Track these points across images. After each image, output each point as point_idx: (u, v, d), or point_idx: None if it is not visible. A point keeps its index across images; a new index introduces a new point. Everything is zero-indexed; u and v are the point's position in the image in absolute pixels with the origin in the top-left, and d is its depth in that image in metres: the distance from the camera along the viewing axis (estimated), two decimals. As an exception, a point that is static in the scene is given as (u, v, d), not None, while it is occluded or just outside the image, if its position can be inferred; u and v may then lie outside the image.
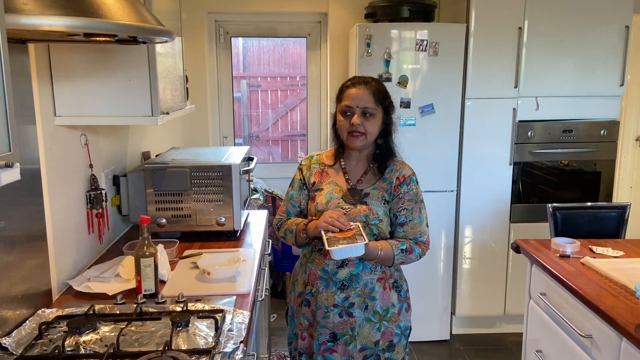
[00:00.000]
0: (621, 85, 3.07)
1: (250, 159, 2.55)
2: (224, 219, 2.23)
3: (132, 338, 1.39)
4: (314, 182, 1.81)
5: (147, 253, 1.63)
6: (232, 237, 2.29)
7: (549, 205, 2.54)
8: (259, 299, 1.92)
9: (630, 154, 3.97)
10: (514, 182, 3.14)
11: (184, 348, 1.33)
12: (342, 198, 1.74)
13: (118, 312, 1.53)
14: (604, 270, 1.92)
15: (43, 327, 1.41)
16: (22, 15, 1.01)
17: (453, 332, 3.34)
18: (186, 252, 2.08)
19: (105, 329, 1.43)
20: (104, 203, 2.04)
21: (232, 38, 3.77)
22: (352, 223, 1.66)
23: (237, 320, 1.50)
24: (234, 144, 3.89)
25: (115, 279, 1.77)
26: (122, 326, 1.43)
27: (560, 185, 3.17)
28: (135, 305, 1.56)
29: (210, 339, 1.38)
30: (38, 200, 1.60)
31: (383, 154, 1.77)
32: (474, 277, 3.23)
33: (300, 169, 1.88)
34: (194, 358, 1.27)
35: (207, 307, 1.56)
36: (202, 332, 1.41)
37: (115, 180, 2.23)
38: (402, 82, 2.98)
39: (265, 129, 4.21)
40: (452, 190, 3.14)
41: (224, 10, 3.58)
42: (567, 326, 1.88)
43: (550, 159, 3.14)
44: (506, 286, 3.25)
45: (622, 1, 2.97)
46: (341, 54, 3.51)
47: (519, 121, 3.07)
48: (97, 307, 1.54)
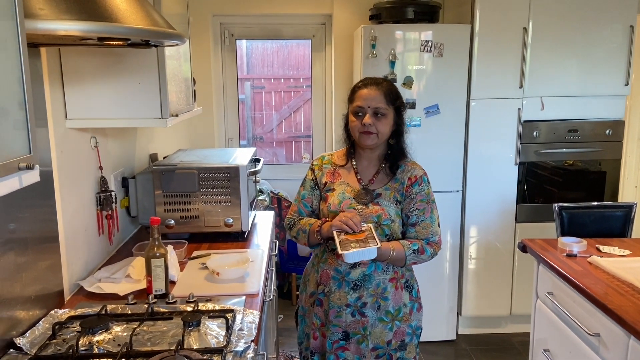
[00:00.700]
0: (626, 84, 3.08)
1: (257, 160, 2.57)
2: (231, 220, 2.24)
3: (144, 338, 1.40)
4: (325, 183, 1.82)
5: (158, 254, 1.65)
6: (239, 238, 2.31)
7: (556, 204, 2.54)
8: (268, 299, 1.93)
9: (636, 153, 3.97)
10: (519, 182, 3.15)
11: (196, 347, 1.34)
12: (354, 198, 1.75)
13: (130, 312, 1.54)
14: (611, 269, 1.93)
15: (56, 327, 1.43)
16: (38, 20, 1.03)
17: (459, 332, 3.35)
18: (195, 253, 2.10)
19: (117, 329, 1.45)
20: (113, 205, 2.06)
21: (237, 40, 3.79)
22: (364, 224, 1.67)
23: (248, 319, 1.52)
24: (239, 146, 3.91)
25: (126, 279, 1.79)
26: (135, 326, 1.45)
27: (566, 185, 3.17)
28: (146, 306, 1.57)
29: (221, 339, 1.39)
30: (50, 202, 1.62)
31: (395, 154, 1.78)
32: (480, 277, 3.24)
33: (312, 169, 1.89)
34: (206, 357, 1.29)
35: (217, 307, 1.58)
36: (213, 331, 1.43)
37: (124, 182, 2.25)
38: (407, 83, 3.00)
39: (270, 131, 4.23)
40: (457, 191, 3.15)
41: (229, 13, 3.60)
42: (574, 325, 1.89)
43: (555, 159, 3.14)
44: (512, 286, 3.25)
45: (626, 1, 2.98)
46: (346, 56, 3.53)
47: (524, 121, 3.08)
48: (109, 307, 1.56)
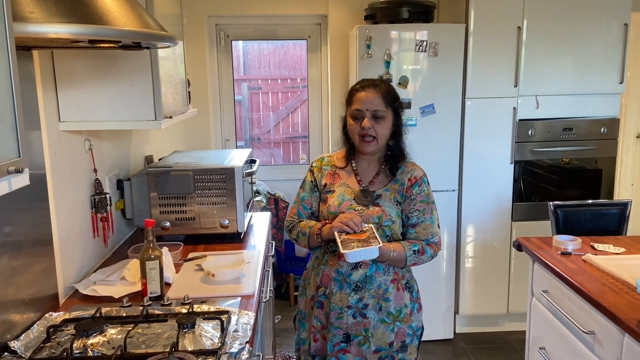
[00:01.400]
0: (621, 82, 3.08)
1: (252, 161, 2.57)
2: (227, 222, 2.24)
3: (139, 340, 1.40)
4: (325, 184, 1.82)
5: (153, 256, 1.65)
6: (235, 239, 2.31)
7: (551, 203, 2.55)
8: (264, 300, 1.94)
9: (631, 151, 3.98)
10: (515, 180, 3.15)
11: (191, 349, 1.35)
12: (354, 200, 1.75)
13: (124, 315, 1.54)
14: (606, 267, 1.93)
15: (51, 330, 1.43)
16: (28, 24, 1.03)
17: (457, 331, 3.35)
18: (190, 255, 2.10)
19: (112, 331, 1.45)
20: (108, 207, 2.06)
21: (232, 41, 3.79)
22: (365, 225, 1.67)
23: (243, 321, 1.52)
24: (235, 147, 3.91)
25: (121, 282, 1.79)
26: (129, 328, 1.45)
27: (562, 183, 3.18)
28: (141, 308, 1.57)
29: (216, 340, 1.39)
30: (44, 205, 1.62)
31: (394, 155, 1.78)
32: (477, 276, 3.24)
33: (311, 171, 1.88)
34: (200, 359, 1.29)
35: (212, 309, 1.58)
36: (208, 333, 1.43)
37: (119, 184, 2.25)
38: (403, 82, 3.00)
39: (267, 132, 4.23)
40: (453, 190, 3.15)
41: (225, 14, 3.60)
42: (569, 323, 1.89)
43: (551, 157, 3.15)
44: (509, 285, 3.25)
45: (620, -1, 2.99)
46: (341, 56, 3.53)
47: (520, 120, 3.08)
48: (103, 309, 1.56)
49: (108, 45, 1.39)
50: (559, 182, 3.17)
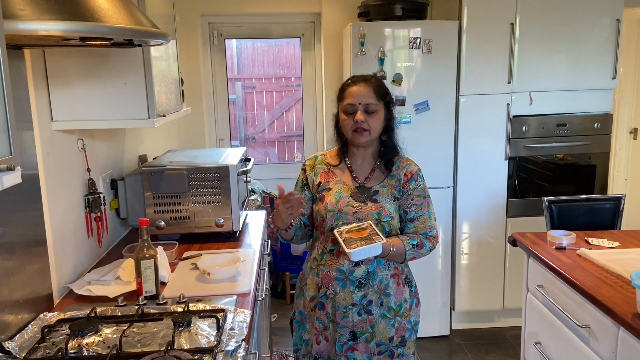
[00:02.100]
0: (613, 78, 3.10)
1: (247, 159, 2.56)
2: (222, 220, 2.24)
3: (134, 339, 1.40)
4: (320, 182, 1.81)
5: (147, 255, 1.64)
6: (231, 238, 2.30)
7: (545, 198, 2.56)
8: (260, 298, 1.93)
9: (625, 146, 4.01)
10: (509, 177, 3.16)
11: (187, 347, 1.34)
12: (351, 197, 1.74)
13: (120, 314, 1.54)
14: (600, 261, 1.94)
15: (45, 330, 1.42)
16: (19, 21, 1.03)
17: (453, 328, 3.36)
18: (186, 254, 2.09)
19: (107, 331, 1.44)
20: (102, 207, 2.05)
21: (226, 40, 3.78)
22: (363, 222, 1.67)
23: (239, 319, 1.51)
24: (230, 146, 3.90)
25: (116, 281, 1.78)
26: (124, 327, 1.44)
27: (556, 179, 3.19)
28: (136, 307, 1.57)
29: (212, 338, 1.39)
30: (37, 206, 1.61)
31: (388, 150, 1.79)
32: (473, 273, 3.25)
33: (303, 170, 1.88)
34: (196, 357, 1.28)
35: (208, 307, 1.58)
36: (204, 331, 1.42)
37: (113, 184, 2.24)
38: (397, 80, 3.00)
39: (262, 131, 4.23)
40: (448, 187, 3.16)
41: (218, 13, 3.59)
42: (564, 317, 1.90)
43: (545, 153, 3.16)
44: (504, 280, 3.27)
45: (612, -5, 3.00)
46: (335, 54, 3.53)
47: (513, 116, 3.09)
48: (98, 309, 1.55)
49: (100, 43, 1.38)
50: (553, 177, 3.19)
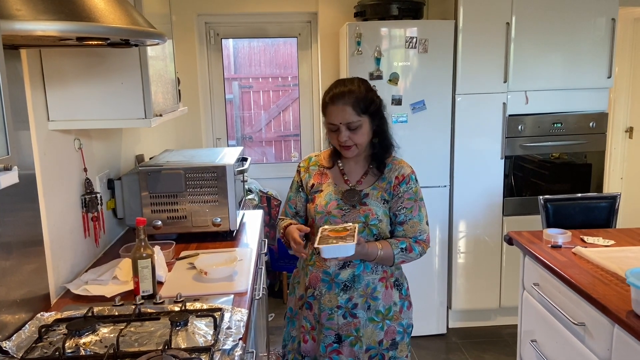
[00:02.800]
0: (609, 77, 3.11)
1: (244, 159, 2.56)
2: (219, 220, 2.24)
3: (131, 338, 1.40)
4: (313, 184, 1.81)
5: (144, 254, 1.64)
6: (228, 238, 2.31)
7: (541, 197, 2.57)
8: (257, 297, 1.94)
9: (620, 145, 4.03)
10: (505, 176, 3.17)
11: (184, 347, 1.34)
12: (341, 199, 1.74)
13: (117, 314, 1.54)
14: (595, 259, 1.95)
15: (43, 330, 1.42)
16: (15, 21, 1.03)
17: (450, 326, 3.37)
18: (183, 253, 2.09)
19: (104, 330, 1.44)
20: (99, 207, 2.05)
21: (222, 40, 3.78)
22: (350, 224, 1.67)
23: (236, 318, 1.52)
24: (227, 146, 3.90)
25: (113, 281, 1.78)
26: (122, 327, 1.45)
27: (552, 178, 3.20)
28: (133, 307, 1.57)
29: (209, 337, 1.39)
30: (34, 206, 1.61)
31: (379, 152, 1.76)
32: (469, 271, 3.26)
33: (298, 171, 1.88)
34: (194, 356, 1.29)
35: (205, 306, 1.58)
36: (201, 330, 1.43)
37: (110, 183, 2.24)
38: (393, 79, 3.01)
39: (259, 130, 4.23)
40: (445, 186, 3.17)
41: (214, 12, 3.59)
42: (560, 315, 1.91)
43: (541, 152, 3.17)
44: (501, 279, 3.28)
45: (607, -6, 3.02)
46: (332, 53, 3.53)
47: (509, 115, 3.10)
48: (95, 309, 1.55)
49: (96, 42, 1.38)
50: (549, 176, 3.20)
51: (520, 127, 3.11)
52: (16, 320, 1.45)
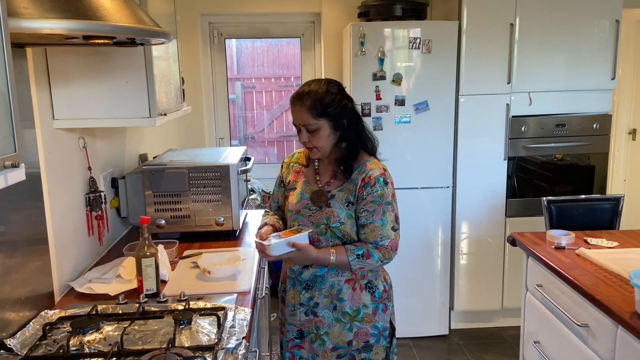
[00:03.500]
0: (613, 79, 3.11)
1: (247, 159, 2.57)
2: (222, 219, 2.24)
3: (135, 337, 1.40)
4: (290, 181, 1.82)
5: (148, 253, 1.64)
6: (231, 237, 2.31)
7: (544, 198, 2.57)
8: (260, 296, 1.94)
9: (624, 147, 4.02)
10: (508, 177, 3.17)
11: (188, 345, 1.35)
12: (310, 199, 1.73)
13: (121, 312, 1.54)
14: (599, 261, 1.95)
15: (47, 327, 1.43)
16: (22, 19, 1.03)
17: (452, 327, 3.37)
18: (186, 252, 2.10)
19: (108, 329, 1.45)
20: (103, 205, 2.05)
21: (226, 39, 3.78)
22: (303, 227, 1.68)
23: (239, 317, 1.52)
24: (230, 146, 3.90)
25: (117, 279, 1.79)
26: (125, 325, 1.45)
27: (555, 179, 3.20)
28: (137, 305, 1.57)
29: (213, 336, 1.39)
30: (38, 204, 1.61)
31: (346, 157, 1.71)
32: (472, 272, 3.26)
33: (281, 166, 1.91)
34: (197, 354, 1.29)
35: (208, 305, 1.58)
36: (204, 329, 1.43)
37: (114, 182, 2.24)
38: (396, 80, 3.01)
39: (261, 130, 4.23)
40: (447, 187, 3.16)
41: (218, 12, 3.60)
42: (563, 316, 1.91)
43: (544, 154, 3.17)
44: (503, 280, 3.27)
45: (611, -4, 3.01)
46: (335, 54, 3.53)
47: (513, 116, 3.10)
48: (99, 307, 1.56)
49: (102, 41, 1.39)
50: (552, 178, 3.20)
51: (523, 129, 3.11)
52: (20, 318, 1.46)
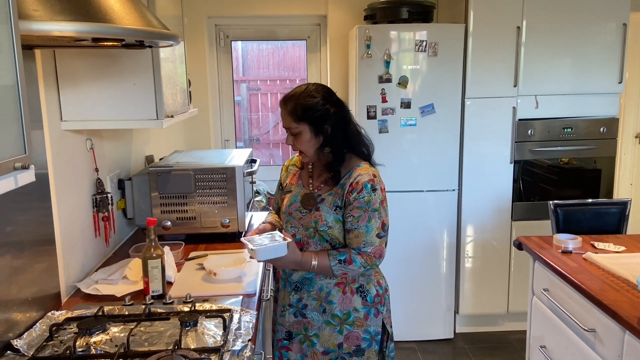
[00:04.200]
0: (620, 82, 3.09)
1: (253, 161, 2.57)
2: (228, 221, 2.25)
3: (141, 338, 1.41)
4: (287, 184, 1.85)
5: (154, 255, 1.65)
6: (236, 239, 2.30)
7: (551, 202, 2.56)
8: (265, 298, 1.94)
9: (630, 151, 3.99)
10: (515, 180, 3.16)
11: (194, 347, 1.35)
12: (301, 202, 1.74)
13: (127, 313, 1.55)
14: (606, 265, 1.94)
15: (53, 328, 1.43)
16: (32, 21, 1.04)
17: (457, 331, 3.35)
18: (192, 254, 2.10)
19: (114, 330, 1.45)
20: (109, 206, 2.06)
21: (232, 42, 3.79)
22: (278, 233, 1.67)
23: (245, 319, 1.52)
24: (235, 147, 3.91)
25: (123, 281, 1.79)
26: (132, 326, 1.45)
27: (561, 183, 3.19)
28: (143, 306, 1.57)
29: (218, 338, 1.39)
30: (46, 205, 1.62)
31: (333, 162, 1.71)
32: (477, 276, 3.25)
33: (282, 169, 1.93)
34: (203, 356, 1.29)
35: (214, 307, 1.58)
36: (210, 331, 1.43)
37: (121, 184, 2.25)
38: (402, 82, 3.01)
39: (266, 132, 4.23)
40: (453, 190, 3.16)
41: (224, 15, 3.61)
42: (570, 321, 1.90)
43: (550, 157, 3.16)
44: (509, 284, 3.26)
45: (619, -1, 3.00)
46: (341, 56, 3.54)
47: (519, 120, 3.09)
48: (106, 308, 1.56)
49: (111, 43, 1.39)
50: (558, 181, 3.18)
51: (530, 132, 3.10)
52: (27, 318, 1.46)
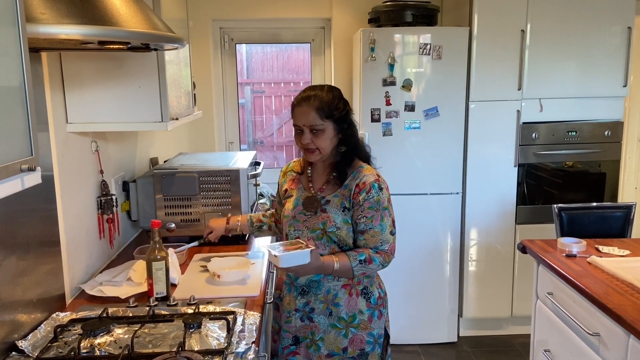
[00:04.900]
0: (624, 86, 3.09)
1: (257, 163, 2.58)
2: (232, 223, 2.25)
3: (145, 340, 1.41)
4: (286, 189, 1.84)
5: (159, 257, 1.65)
6: (240, 241, 2.31)
7: (555, 205, 2.55)
8: (269, 301, 1.94)
9: (635, 154, 3.98)
10: (519, 183, 3.15)
11: (197, 349, 1.35)
12: (303, 205, 1.74)
13: (131, 315, 1.55)
14: (611, 269, 1.93)
15: (58, 330, 1.44)
16: (39, 25, 1.05)
17: (460, 334, 3.35)
18: (196, 256, 2.11)
19: (119, 331, 1.46)
20: (114, 208, 2.07)
21: (236, 45, 3.81)
22: (292, 239, 1.67)
23: (249, 321, 1.52)
24: (239, 150, 3.92)
25: (127, 282, 1.80)
26: (136, 328, 1.46)
27: (565, 186, 3.18)
28: (147, 308, 1.58)
29: (222, 340, 1.40)
30: (51, 207, 1.63)
31: (343, 162, 1.73)
32: (481, 279, 3.24)
33: (279, 176, 1.92)
34: (207, 358, 1.29)
35: (218, 309, 1.59)
36: (214, 333, 1.44)
37: (125, 186, 2.26)
38: (406, 85, 3.01)
39: (270, 135, 4.24)
40: (457, 193, 3.15)
41: (229, 18, 3.62)
42: (574, 325, 1.89)
43: (554, 160, 3.15)
44: (513, 288, 3.25)
45: (624, 3, 2.99)
46: (345, 59, 3.54)
47: (523, 123, 3.09)
48: (110, 310, 1.56)
49: (117, 47, 1.40)
50: (563, 185, 3.17)
51: (534, 135, 3.09)
52: (32, 319, 1.47)
